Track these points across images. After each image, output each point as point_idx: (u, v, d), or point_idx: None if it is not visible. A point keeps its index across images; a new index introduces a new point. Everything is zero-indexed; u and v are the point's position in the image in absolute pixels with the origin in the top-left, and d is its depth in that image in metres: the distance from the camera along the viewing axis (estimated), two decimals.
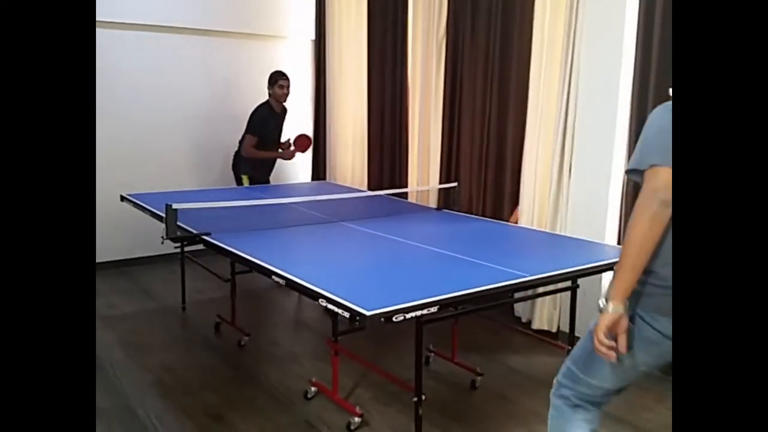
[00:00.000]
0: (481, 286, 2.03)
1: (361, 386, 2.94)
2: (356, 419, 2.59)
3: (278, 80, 4.56)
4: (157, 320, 3.91)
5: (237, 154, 4.69)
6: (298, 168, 5.83)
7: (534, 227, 3.57)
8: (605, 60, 3.21)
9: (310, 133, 5.76)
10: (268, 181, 4.78)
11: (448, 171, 4.28)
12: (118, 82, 4.74)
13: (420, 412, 2.19)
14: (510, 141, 3.83)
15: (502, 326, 3.75)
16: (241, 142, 4.65)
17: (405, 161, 4.74)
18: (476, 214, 3.88)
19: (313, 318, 3.92)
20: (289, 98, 4.68)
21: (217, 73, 5.23)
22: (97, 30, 4.48)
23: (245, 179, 4.66)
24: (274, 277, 2.18)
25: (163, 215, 2.75)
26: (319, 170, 5.67)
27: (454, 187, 3.76)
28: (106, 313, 3.96)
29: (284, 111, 4.75)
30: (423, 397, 2.21)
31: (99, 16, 4.40)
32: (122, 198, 3.81)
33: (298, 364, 3.22)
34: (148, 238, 4.92)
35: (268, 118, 4.57)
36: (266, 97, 4.62)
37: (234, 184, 4.73)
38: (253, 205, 3.19)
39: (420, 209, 3.74)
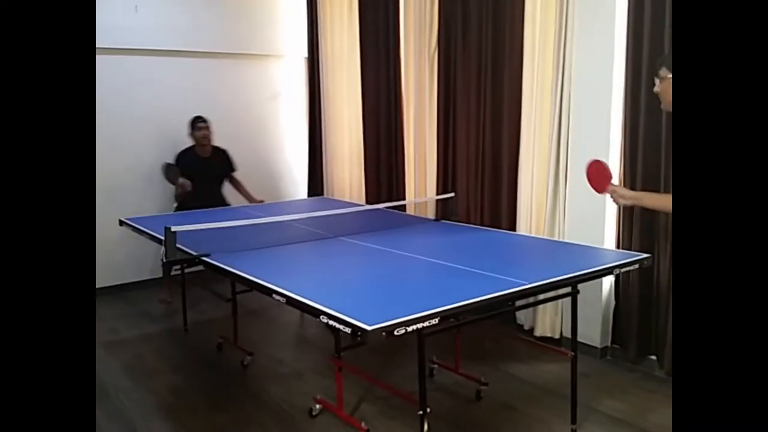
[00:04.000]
0: (481, 296, 2.03)
1: (366, 401, 2.94)
2: None
3: (196, 123, 4.65)
4: (160, 343, 3.90)
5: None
6: (297, 184, 5.86)
7: (532, 234, 3.59)
8: (597, 65, 3.24)
9: (305, 148, 5.78)
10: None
11: (444, 182, 4.29)
12: (116, 107, 4.77)
13: (426, 424, 2.18)
14: (505, 149, 3.85)
15: (505, 335, 3.75)
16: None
17: (402, 174, 4.76)
18: (474, 224, 3.89)
19: (316, 334, 3.92)
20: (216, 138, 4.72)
21: (214, 94, 5.26)
22: (96, 56, 4.53)
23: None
24: (274, 295, 2.18)
25: (162, 238, 2.76)
26: (316, 186, 5.68)
27: (452, 197, 3.77)
28: (108, 338, 3.95)
29: (215, 154, 4.74)
30: (428, 410, 2.20)
31: (96, 43, 4.45)
32: (121, 222, 3.82)
33: (302, 381, 3.22)
34: (147, 262, 4.95)
35: (193, 160, 4.64)
36: (262, 114, 4.63)
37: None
38: (252, 224, 3.20)
39: (418, 221, 3.75)
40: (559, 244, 3.15)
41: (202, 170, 4.65)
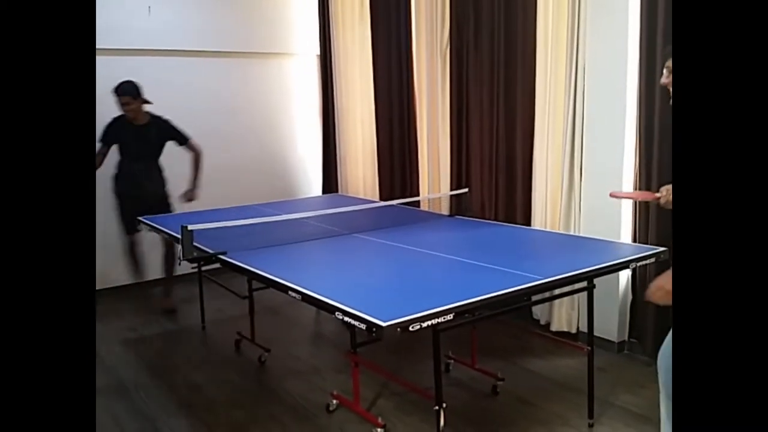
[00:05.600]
0: (496, 291, 2.03)
1: (383, 396, 2.95)
2: (379, 430, 2.60)
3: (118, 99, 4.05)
4: (179, 341, 3.95)
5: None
6: (311, 182, 5.88)
7: (547, 229, 3.57)
8: (610, 58, 3.21)
9: (319, 146, 5.79)
10: (136, 205, 4.14)
11: (458, 177, 4.28)
12: None
13: (442, 419, 2.19)
14: (519, 144, 3.83)
15: (521, 330, 3.74)
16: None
17: (415, 170, 4.76)
18: (489, 219, 3.88)
19: (332, 330, 3.94)
20: (157, 111, 4.29)
21: (227, 94, 5.30)
22: (110, 57, 4.58)
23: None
24: (290, 292, 2.20)
25: (179, 236, 2.79)
26: (330, 183, 5.70)
27: (466, 193, 3.76)
28: (127, 336, 4.01)
29: (152, 123, 4.23)
30: (444, 405, 2.21)
31: (108, 44, 4.49)
32: (138, 221, 3.86)
33: (319, 377, 3.24)
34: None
35: (118, 129, 4.12)
36: (275, 112, 4.56)
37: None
38: (268, 222, 3.22)
39: (432, 217, 3.75)
40: (575, 238, 3.13)
41: (133, 138, 4.15)
